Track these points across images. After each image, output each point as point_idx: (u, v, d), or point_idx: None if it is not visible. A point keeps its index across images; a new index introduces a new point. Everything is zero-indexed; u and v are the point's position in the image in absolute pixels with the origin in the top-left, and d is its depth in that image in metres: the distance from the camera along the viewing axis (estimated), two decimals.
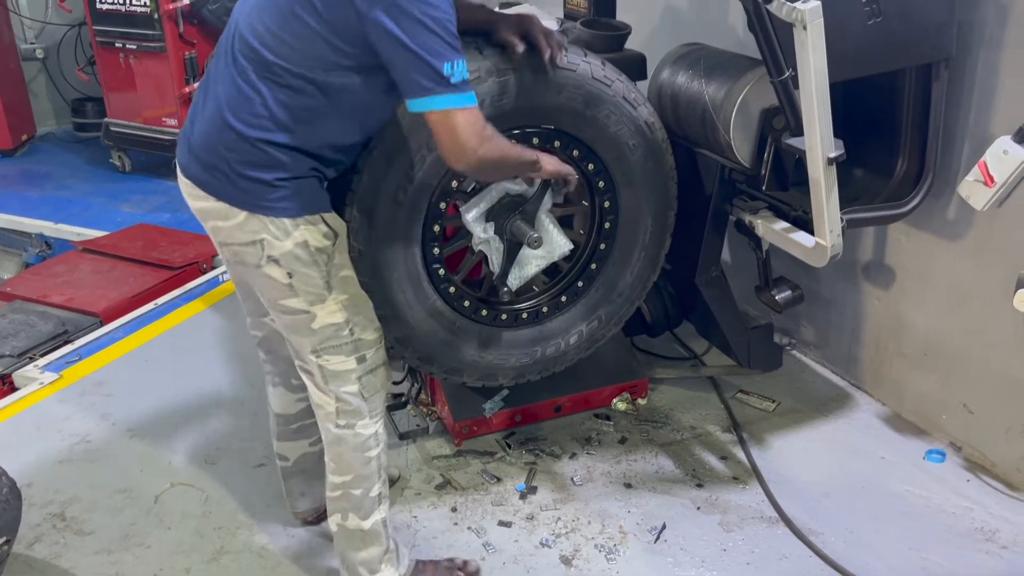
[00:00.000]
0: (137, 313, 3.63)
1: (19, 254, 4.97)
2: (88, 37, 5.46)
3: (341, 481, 2.04)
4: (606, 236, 2.55)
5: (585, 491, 2.59)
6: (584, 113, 2.32)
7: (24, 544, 2.37)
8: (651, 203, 2.54)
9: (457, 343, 2.42)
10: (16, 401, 3.05)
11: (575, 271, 2.59)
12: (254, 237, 1.84)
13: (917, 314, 2.81)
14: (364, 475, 2.03)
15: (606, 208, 2.51)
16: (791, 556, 2.35)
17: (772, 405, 2.97)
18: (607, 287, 2.60)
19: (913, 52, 2.29)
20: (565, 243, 2.44)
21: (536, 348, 2.56)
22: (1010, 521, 2.46)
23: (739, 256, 3.31)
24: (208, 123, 1.83)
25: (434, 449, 2.76)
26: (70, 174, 5.61)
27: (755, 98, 2.38)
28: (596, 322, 2.62)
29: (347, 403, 1.99)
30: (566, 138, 2.36)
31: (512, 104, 2.19)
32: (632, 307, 2.68)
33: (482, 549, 2.37)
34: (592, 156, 2.42)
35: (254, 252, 1.85)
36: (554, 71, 2.20)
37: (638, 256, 2.60)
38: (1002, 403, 2.59)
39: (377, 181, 2.13)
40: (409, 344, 2.36)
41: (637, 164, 2.47)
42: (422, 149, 2.14)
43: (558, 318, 2.57)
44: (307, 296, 1.89)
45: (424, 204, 2.24)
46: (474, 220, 2.35)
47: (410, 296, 2.29)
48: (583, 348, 2.65)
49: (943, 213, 2.62)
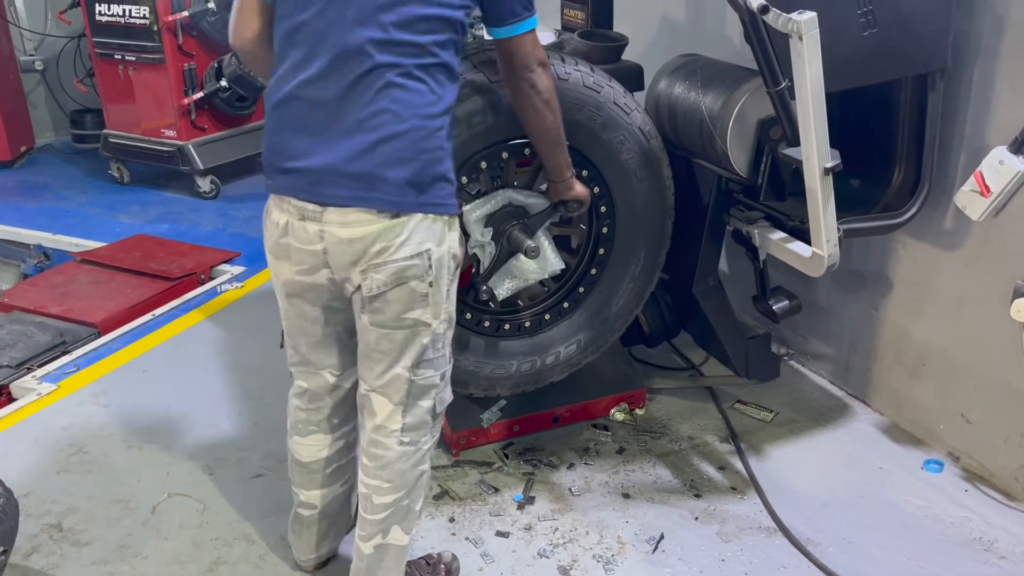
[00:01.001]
0: (135, 324, 3.63)
1: (17, 265, 4.96)
2: (87, 49, 5.47)
3: (394, 499, 1.99)
4: (598, 263, 2.57)
5: (583, 501, 2.58)
6: (600, 135, 2.35)
7: (21, 555, 2.36)
8: (647, 237, 2.57)
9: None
10: (14, 411, 3.04)
11: (561, 292, 2.60)
12: (419, 248, 1.78)
13: (915, 324, 2.81)
14: (417, 487, 2.01)
15: (603, 234, 2.53)
16: (789, 566, 2.34)
17: (770, 415, 2.97)
18: (592, 313, 2.62)
19: (909, 62, 2.31)
20: (558, 261, 2.45)
21: (511, 361, 2.57)
22: (1008, 531, 2.46)
23: (736, 266, 3.32)
24: (363, 139, 1.73)
25: (432, 459, 2.75)
26: (68, 185, 5.61)
27: (752, 108, 2.39)
28: (575, 346, 2.63)
29: (419, 418, 1.95)
30: (577, 156, 2.38)
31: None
32: (613, 336, 2.69)
33: (480, 559, 2.36)
34: (598, 179, 2.44)
35: (420, 265, 1.79)
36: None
37: (626, 287, 2.62)
38: (1000, 413, 2.59)
39: None
40: None
41: (641, 193, 2.49)
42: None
43: (540, 334, 2.59)
44: (435, 307, 1.85)
45: None
46: (475, 222, 2.36)
47: None
48: (558, 370, 2.65)
49: (940, 223, 2.63)
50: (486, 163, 2.31)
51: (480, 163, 2.31)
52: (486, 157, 2.31)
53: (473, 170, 2.32)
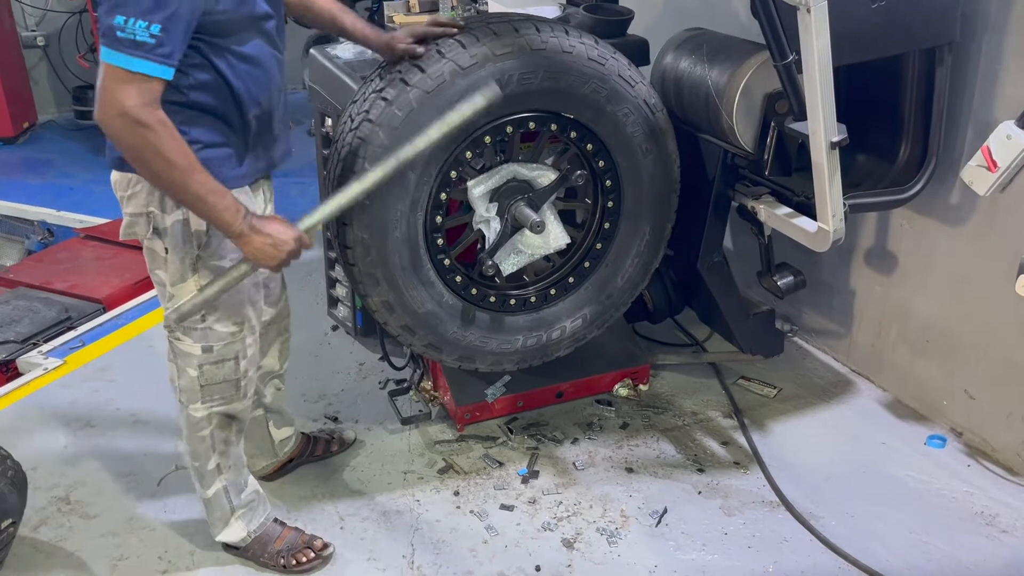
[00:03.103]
0: (140, 299, 3.64)
1: (22, 241, 4.97)
2: (89, 24, 5.44)
3: (186, 452, 2.19)
4: (604, 237, 2.56)
5: (587, 476, 2.60)
6: (605, 108, 2.34)
7: (30, 527, 2.39)
8: (653, 211, 2.57)
9: (442, 317, 2.44)
10: (21, 386, 3.06)
11: (567, 267, 2.60)
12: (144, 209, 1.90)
13: (919, 300, 2.81)
14: (199, 451, 2.15)
15: (609, 208, 2.53)
16: (791, 540, 2.36)
17: (773, 391, 2.98)
18: (597, 287, 2.61)
19: (917, 36, 2.29)
20: (563, 236, 2.45)
21: (517, 336, 2.57)
22: (1010, 506, 2.47)
23: (741, 242, 3.31)
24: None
25: (436, 434, 2.77)
26: (72, 162, 5.60)
27: (758, 83, 2.38)
28: (580, 321, 2.63)
29: (187, 384, 2.07)
30: (582, 130, 2.37)
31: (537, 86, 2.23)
32: (618, 312, 2.70)
33: (484, 532, 2.38)
34: (604, 153, 2.44)
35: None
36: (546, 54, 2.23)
37: (632, 261, 2.61)
38: (1003, 389, 2.59)
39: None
40: (395, 309, 2.38)
41: (646, 167, 2.49)
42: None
43: (546, 309, 2.60)
44: (172, 274, 1.96)
45: (435, 170, 2.26)
46: (479, 197, 2.35)
47: (404, 260, 2.30)
48: (564, 345, 2.66)
49: (946, 198, 2.62)
50: (490, 137, 2.31)
51: (484, 138, 2.30)
52: (490, 131, 2.30)
53: (477, 145, 2.32)
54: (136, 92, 1.64)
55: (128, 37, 1.60)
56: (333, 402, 2.95)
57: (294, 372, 3.01)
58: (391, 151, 2.04)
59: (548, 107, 2.31)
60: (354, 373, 3.11)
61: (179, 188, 1.75)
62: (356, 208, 2.17)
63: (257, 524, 2.28)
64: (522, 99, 2.25)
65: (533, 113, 2.31)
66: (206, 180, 1.76)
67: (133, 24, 1.60)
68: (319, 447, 2.65)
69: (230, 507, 2.23)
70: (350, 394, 2.99)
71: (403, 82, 2.16)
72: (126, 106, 1.64)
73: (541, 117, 2.33)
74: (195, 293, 1.94)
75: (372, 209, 2.21)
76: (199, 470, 2.18)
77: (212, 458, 2.16)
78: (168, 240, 1.92)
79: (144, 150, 1.69)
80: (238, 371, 2.10)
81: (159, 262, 1.97)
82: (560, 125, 2.36)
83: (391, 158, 2.02)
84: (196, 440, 2.14)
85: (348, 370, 3.12)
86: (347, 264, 2.34)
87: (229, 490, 2.21)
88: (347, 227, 2.25)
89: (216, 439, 2.15)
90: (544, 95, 2.28)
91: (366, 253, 2.26)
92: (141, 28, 1.60)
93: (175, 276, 1.96)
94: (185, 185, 1.74)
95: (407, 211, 2.25)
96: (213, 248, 1.95)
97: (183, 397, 2.10)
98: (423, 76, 2.15)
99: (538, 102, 2.29)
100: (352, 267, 2.32)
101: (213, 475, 2.18)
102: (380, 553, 2.32)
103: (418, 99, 2.14)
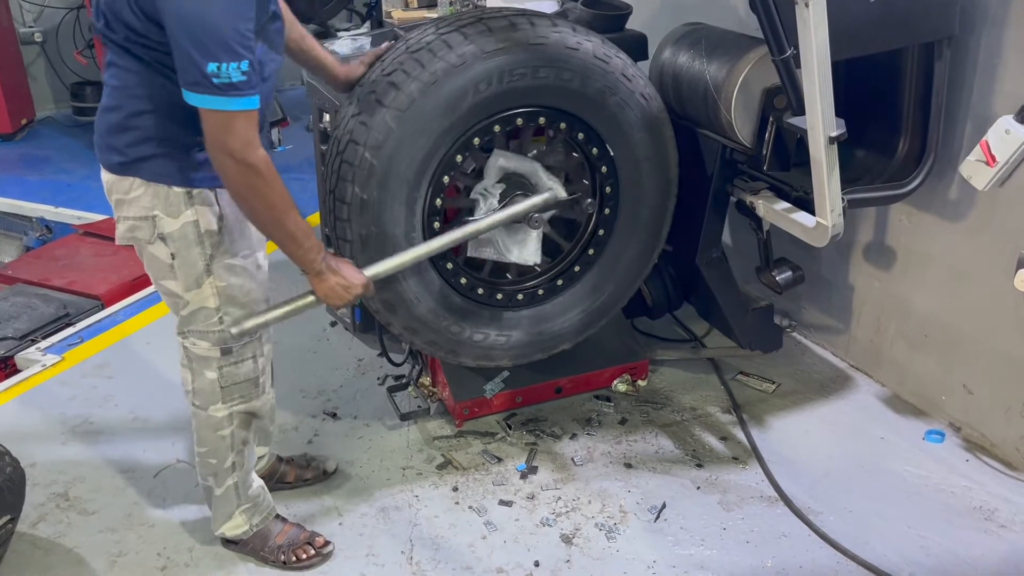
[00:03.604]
0: (138, 296, 3.64)
1: (20, 238, 4.96)
2: (86, 20, 5.43)
3: (199, 452, 2.19)
4: (596, 244, 2.57)
5: (585, 471, 2.60)
6: (603, 103, 2.34)
7: (28, 523, 2.39)
8: (645, 223, 2.60)
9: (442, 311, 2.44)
10: (19, 383, 3.06)
11: (564, 263, 2.61)
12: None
13: (918, 295, 2.81)
14: (219, 449, 2.16)
15: (605, 215, 2.54)
16: (790, 535, 2.36)
17: (772, 386, 2.98)
18: (596, 281, 2.62)
19: (916, 30, 2.29)
20: (535, 256, 2.45)
21: (512, 332, 2.57)
22: (1009, 500, 2.47)
23: (740, 237, 3.31)
24: None
25: (435, 430, 2.77)
26: (70, 158, 5.59)
27: (757, 77, 2.37)
28: (579, 315, 2.64)
29: (205, 386, 2.07)
30: (578, 123, 2.38)
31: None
32: (616, 306, 2.72)
33: (483, 528, 2.38)
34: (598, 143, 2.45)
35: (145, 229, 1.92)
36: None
37: (630, 257, 2.62)
38: (1002, 383, 2.59)
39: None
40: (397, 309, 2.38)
41: (644, 160, 2.49)
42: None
43: (544, 303, 2.60)
44: (185, 280, 1.94)
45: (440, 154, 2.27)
46: (497, 168, 2.36)
47: (402, 244, 2.29)
48: (563, 340, 2.67)
49: (944, 193, 2.61)
50: (521, 120, 2.32)
51: (517, 119, 2.31)
52: (525, 116, 2.32)
53: (508, 123, 2.32)
54: (242, 129, 1.70)
55: (224, 82, 1.65)
56: (332, 398, 2.95)
57: (293, 368, 3.02)
58: (467, 224, 2.25)
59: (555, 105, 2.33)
60: (353, 369, 3.11)
61: (275, 226, 1.84)
62: (356, 206, 2.18)
63: (259, 519, 2.28)
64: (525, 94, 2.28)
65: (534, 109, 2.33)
66: (298, 219, 1.85)
67: (227, 69, 1.64)
68: (290, 474, 2.53)
69: (237, 502, 2.23)
70: (349, 390, 2.99)
71: (406, 72, 2.18)
72: (233, 149, 1.70)
73: (546, 113, 2.34)
74: (259, 312, 1.99)
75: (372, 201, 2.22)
76: (215, 468, 2.18)
77: (230, 456, 2.16)
78: (174, 244, 1.90)
79: (251, 193, 1.78)
80: (256, 369, 2.11)
81: (164, 271, 1.95)
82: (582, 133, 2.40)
83: (460, 230, 2.23)
84: (215, 439, 2.14)
85: (347, 366, 3.12)
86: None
87: (239, 487, 2.22)
88: (347, 224, 2.26)
89: (236, 438, 2.16)
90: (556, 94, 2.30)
91: (367, 244, 2.26)
92: (234, 70, 1.65)
93: (188, 282, 1.94)
94: (282, 224, 1.83)
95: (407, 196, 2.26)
96: (225, 247, 1.94)
97: (198, 400, 2.10)
98: (422, 70, 2.16)
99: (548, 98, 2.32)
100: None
101: (228, 472, 2.18)
102: (379, 549, 2.32)
103: (420, 90, 2.17)
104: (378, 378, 3.03)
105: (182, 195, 1.87)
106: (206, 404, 2.10)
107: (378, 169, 2.18)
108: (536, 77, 2.24)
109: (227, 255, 1.95)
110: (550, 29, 2.27)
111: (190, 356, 2.06)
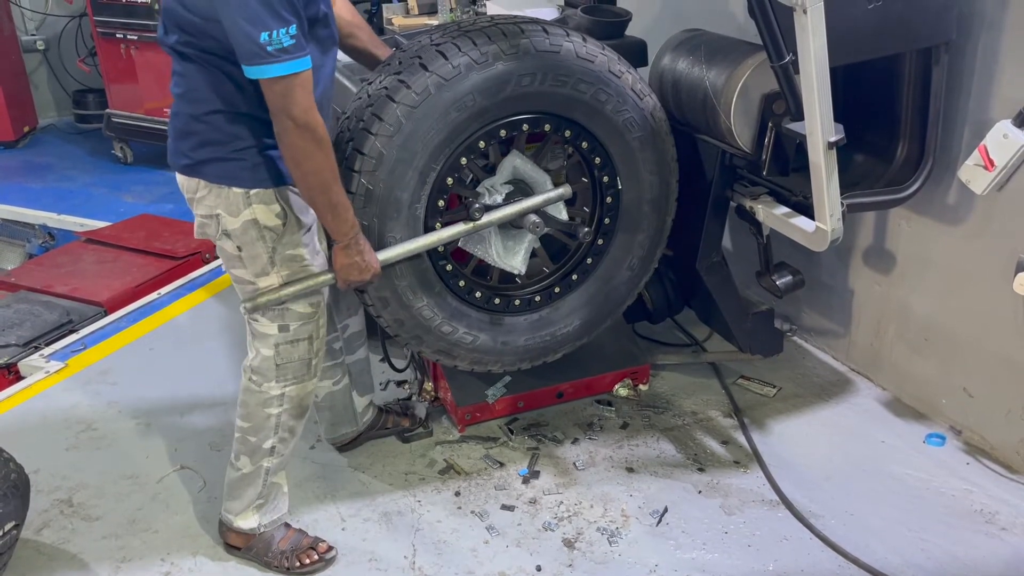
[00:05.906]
0: (141, 303, 3.65)
1: (23, 245, 4.98)
2: (89, 28, 5.46)
3: (241, 428, 2.23)
4: (597, 250, 2.59)
5: (587, 475, 2.61)
6: (603, 111, 2.36)
7: (32, 530, 2.40)
8: (645, 235, 2.63)
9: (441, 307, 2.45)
10: (22, 390, 3.07)
11: (567, 267, 2.62)
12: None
13: (917, 299, 2.82)
14: (264, 428, 2.21)
15: (605, 223, 2.56)
16: (792, 538, 2.37)
17: (773, 390, 2.99)
18: (596, 287, 2.64)
19: (913, 36, 2.30)
20: (521, 266, 2.46)
21: (517, 336, 2.59)
22: (1009, 503, 2.48)
23: (740, 242, 3.32)
24: None
25: (437, 435, 2.78)
26: (72, 165, 5.62)
27: (756, 83, 2.38)
28: (579, 320, 2.65)
29: (262, 363, 2.14)
30: (576, 128, 2.39)
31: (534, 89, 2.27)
32: (617, 311, 2.73)
33: (485, 533, 2.39)
34: (599, 150, 2.46)
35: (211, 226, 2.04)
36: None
37: (630, 263, 2.64)
38: (1002, 387, 2.60)
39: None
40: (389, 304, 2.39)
41: (644, 166, 2.51)
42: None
43: (545, 309, 2.61)
44: (253, 269, 2.05)
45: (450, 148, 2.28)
46: (510, 167, 2.39)
47: (404, 211, 2.29)
48: (564, 344, 2.68)
49: (943, 197, 2.62)
50: (549, 125, 2.37)
51: (545, 124, 2.37)
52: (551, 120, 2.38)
53: (536, 124, 2.37)
54: (300, 92, 1.80)
55: (278, 48, 1.74)
56: None
57: None
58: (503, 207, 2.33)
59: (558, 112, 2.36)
60: None
61: (321, 191, 1.92)
62: (374, 159, 2.21)
63: (270, 520, 2.29)
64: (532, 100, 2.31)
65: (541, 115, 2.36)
66: (342, 192, 1.96)
67: (278, 36, 1.73)
68: (388, 420, 2.74)
69: (257, 492, 2.26)
70: None
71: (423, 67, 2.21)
72: (295, 113, 1.80)
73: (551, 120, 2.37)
74: (274, 288, 2.05)
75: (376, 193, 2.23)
76: (253, 446, 2.22)
77: (271, 439, 2.22)
78: (238, 239, 2.02)
79: (305, 157, 1.86)
80: (311, 351, 2.17)
81: (233, 261, 2.07)
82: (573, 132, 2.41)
83: (500, 211, 2.32)
84: (261, 416, 2.19)
85: None
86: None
87: (268, 473, 2.26)
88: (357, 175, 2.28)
89: (283, 423, 2.22)
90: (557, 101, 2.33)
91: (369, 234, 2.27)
92: (284, 35, 1.74)
93: (257, 270, 2.05)
94: (328, 190, 1.92)
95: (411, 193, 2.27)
96: (286, 240, 2.03)
97: (255, 377, 2.17)
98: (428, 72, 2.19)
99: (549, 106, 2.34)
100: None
101: (264, 454, 2.23)
102: (381, 554, 2.33)
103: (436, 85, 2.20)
104: (380, 383, 3.04)
105: (241, 196, 1.97)
106: (261, 381, 2.16)
107: (405, 129, 2.19)
108: (576, 89, 2.32)
109: (289, 247, 2.04)
110: (600, 52, 2.35)
111: (253, 332, 2.14)
